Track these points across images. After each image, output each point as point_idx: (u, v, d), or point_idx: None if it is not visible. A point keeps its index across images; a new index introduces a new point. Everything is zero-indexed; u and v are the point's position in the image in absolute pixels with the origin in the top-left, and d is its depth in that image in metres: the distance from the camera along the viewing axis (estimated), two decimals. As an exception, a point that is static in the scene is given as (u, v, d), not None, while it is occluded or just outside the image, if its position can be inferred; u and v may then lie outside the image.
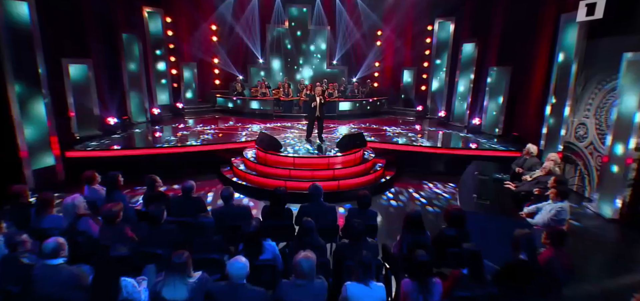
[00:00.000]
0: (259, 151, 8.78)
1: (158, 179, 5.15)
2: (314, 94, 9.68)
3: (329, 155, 8.45)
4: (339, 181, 7.87)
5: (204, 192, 7.89)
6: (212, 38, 16.79)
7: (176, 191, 7.64)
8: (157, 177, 5.16)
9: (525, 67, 10.68)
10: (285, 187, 7.53)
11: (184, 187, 4.83)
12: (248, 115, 14.64)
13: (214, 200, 7.67)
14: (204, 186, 8.32)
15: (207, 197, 7.73)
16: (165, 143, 9.76)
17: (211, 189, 8.18)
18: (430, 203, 7.73)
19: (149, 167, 8.97)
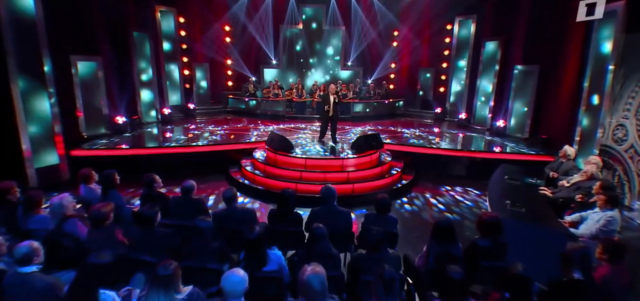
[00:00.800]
0: (269, 152, 8.33)
1: (157, 178, 4.74)
2: (327, 93, 9.20)
3: (343, 157, 7.94)
4: (354, 184, 7.34)
5: (206, 194, 7.47)
6: (225, 39, 16.54)
7: (181, 192, 7.31)
8: (157, 176, 4.75)
9: (553, 65, 9.97)
10: (296, 189, 7.17)
11: (184, 186, 4.40)
12: (260, 116, 14.26)
13: (218, 202, 7.23)
14: (209, 188, 7.92)
15: (210, 200, 7.31)
16: (174, 143, 9.42)
17: (216, 191, 7.76)
18: (450, 211, 7.12)
19: (155, 167, 8.66)
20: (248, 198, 7.38)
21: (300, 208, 6.40)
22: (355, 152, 8.15)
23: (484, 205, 7.30)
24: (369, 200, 7.17)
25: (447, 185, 8.53)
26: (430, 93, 16.06)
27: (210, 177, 8.57)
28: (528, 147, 9.80)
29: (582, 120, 8.55)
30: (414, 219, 6.53)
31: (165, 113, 12.64)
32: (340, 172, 7.60)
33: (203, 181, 8.24)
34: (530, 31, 10.92)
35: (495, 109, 12.05)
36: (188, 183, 4.42)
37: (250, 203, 7.19)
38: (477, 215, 6.69)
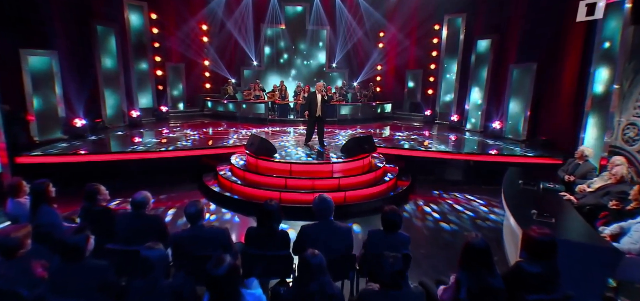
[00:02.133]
0: (249, 156, 7.37)
1: (102, 189, 3.72)
2: (314, 92, 8.34)
3: (332, 162, 7.05)
4: (346, 192, 6.45)
5: (175, 208, 6.41)
6: (202, 38, 15.49)
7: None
8: (102, 187, 3.73)
9: (553, 62, 9.43)
10: (279, 199, 6.26)
11: (134, 200, 3.39)
12: (240, 119, 13.25)
13: (192, 215, 6.22)
14: (179, 199, 6.88)
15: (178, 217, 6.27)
16: (142, 147, 8.31)
17: (190, 202, 6.72)
18: (453, 221, 6.32)
19: (116, 176, 7.57)
20: (224, 210, 6.38)
21: (285, 221, 5.49)
22: (346, 156, 7.28)
23: (500, 215, 6.56)
24: (364, 210, 6.33)
25: (444, 190, 7.75)
26: (418, 96, 15.44)
27: (180, 187, 7.53)
28: (527, 149, 9.16)
29: (587, 120, 7.97)
30: (418, 234, 5.68)
31: (134, 116, 11.46)
32: (330, 178, 6.71)
33: (172, 191, 7.22)
34: (525, 28, 10.38)
35: (490, 110, 11.46)
36: (140, 195, 3.42)
37: (229, 221, 6.19)
38: (478, 226, 5.98)
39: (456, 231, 5.79)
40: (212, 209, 6.42)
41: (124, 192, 6.86)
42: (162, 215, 6.03)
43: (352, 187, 6.68)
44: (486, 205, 6.96)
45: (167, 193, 7.08)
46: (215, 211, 6.38)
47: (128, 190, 7.28)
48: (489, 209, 6.75)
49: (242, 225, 5.83)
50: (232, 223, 5.99)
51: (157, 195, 6.90)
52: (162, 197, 6.83)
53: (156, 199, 6.75)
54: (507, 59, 10.95)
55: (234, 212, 6.28)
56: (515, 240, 4.19)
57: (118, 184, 7.66)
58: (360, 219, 6.01)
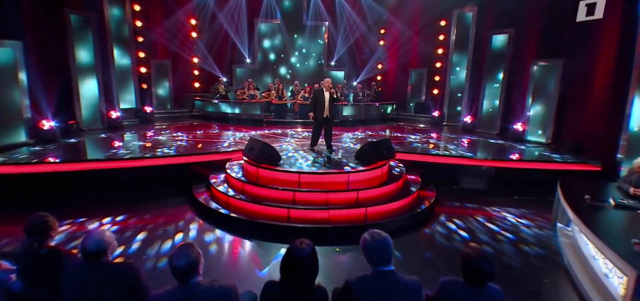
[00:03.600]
0: (248, 164, 6.26)
1: (50, 221, 2.57)
2: (321, 89, 7.27)
3: (347, 170, 5.98)
4: (367, 208, 5.39)
5: (163, 230, 5.26)
6: (190, 33, 14.29)
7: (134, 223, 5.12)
8: (51, 218, 2.58)
9: (582, 58, 8.56)
10: (287, 217, 5.16)
11: (86, 247, 2.20)
12: (233, 121, 12.12)
13: (172, 245, 5.07)
14: (166, 216, 5.73)
15: (169, 236, 5.12)
16: (124, 151, 7.10)
17: (173, 222, 5.57)
18: (501, 248, 5.31)
19: (88, 188, 6.48)
20: (219, 231, 5.24)
21: None
22: (362, 163, 6.23)
23: (549, 233, 5.57)
24: (389, 229, 5.24)
25: (472, 202, 6.76)
26: (422, 96, 14.52)
27: (167, 201, 6.38)
28: (553, 153, 8.26)
29: (629, 123, 7.09)
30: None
31: (114, 118, 10.21)
32: (347, 191, 5.63)
33: (157, 207, 6.05)
34: (546, 21, 9.53)
35: (508, 111, 10.56)
36: (94, 238, 2.20)
37: (226, 245, 5.06)
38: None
39: (513, 266, 4.73)
40: (206, 231, 5.28)
41: (99, 209, 5.74)
42: (142, 249, 4.88)
43: (373, 201, 5.62)
44: (530, 224, 5.88)
45: (152, 209, 5.91)
46: (208, 230, 5.25)
47: (106, 205, 6.06)
48: (535, 229, 5.71)
49: (246, 264, 4.71)
50: (227, 249, 4.86)
51: (140, 213, 5.74)
52: (146, 217, 5.65)
53: (139, 217, 5.59)
54: (526, 55, 10.08)
55: (233, 235, 5.14)
56: (599, 280, 3.19)
57: (93, 197, 6.59)
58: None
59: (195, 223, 5.50)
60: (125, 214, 5.66)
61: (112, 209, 5.79)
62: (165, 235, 5.04)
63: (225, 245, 4.90)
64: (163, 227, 5.29)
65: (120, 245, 4.62)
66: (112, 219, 5.46)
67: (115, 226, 5.26)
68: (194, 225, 5.44)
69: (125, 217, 5.58)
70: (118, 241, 4.64)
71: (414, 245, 5.09)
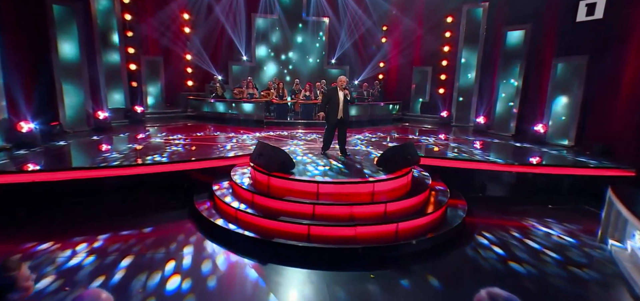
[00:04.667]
0: (256, 172, 5.54)
1: (25, 275, 1.82)
2: (335, 88, 6.58)
3: (371, 179, 5.28)
4: (398, 224, 4.71)
5: (152, 253, 4.47)
6: (183, 28, 13.45)
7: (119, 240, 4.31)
8: (22, 266, 1.83)
9: (608, 55, 8.04)
10: (307, 235, 4.41)
11: None
12: (230, 121, 11.35)
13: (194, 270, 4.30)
14: (166, 231, 4.96)
15: (170, 257, 4.35)
16: (108, 159, 6.28)
17: (173, 239, 4.80)
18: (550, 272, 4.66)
19: (80, 200, 5.66)
20: (227, 252, 4.49)
21: (315, 268, 4.05)
22: (385, 170, 5.56)
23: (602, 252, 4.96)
24: (423, 250, 4.59)
25: (504, 213, 6.14)
26: (426, 95, 13.93)
27: (165, 214, 5.60)
28: (580, 157, 7.71)
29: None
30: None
31: (101, 119, 9.34)
32: (372, 204, 4.94)
33: (155, 221, 5.28)
34: (566, 16, 8.99)
35: (524, 112, 10.00)
36: None
37: (236, 270, 4.31)
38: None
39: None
40: (211, 252, 4.50)
41: (79, 226, 4.93)
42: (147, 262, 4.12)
43: (402, 214, 4.95)
44: (576, 242, 5.23)
45: (144, 224, 5.13)
46: (214, 251, 4.50)
47: (87, 221, 5.14)
48: (583, 245, 5.07)
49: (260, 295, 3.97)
50: (238, 274, 4.11)
51: (139, 228, 4.96)
52: (145, 234, 4.87)
53: (138, 233, 4.81)
54: (545, 52, 9.54)
55: (243, 256, 4.39)
56: None
57: (79, 210, 5.75)
58: (430, 270, 4.24)
59: (195, 239, 4.74)
60: (110, 232, 4.85)
61: (95, 226, 4.98)
62: (156, 261, 4.19)
63: (235, 270, 4.15)
64: (155, 249, 4.48)
65: (99, 274, 3.86)
66: (90, 240, 4.62)
67: (97, 243, 4.47)
68: (196, 244, 4.67)
69: (110, 235, 4.78)
70: (98, 269, 3.96)
71: (457, 270, 4.35)
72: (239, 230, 4.66)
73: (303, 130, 10.44)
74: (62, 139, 7.89)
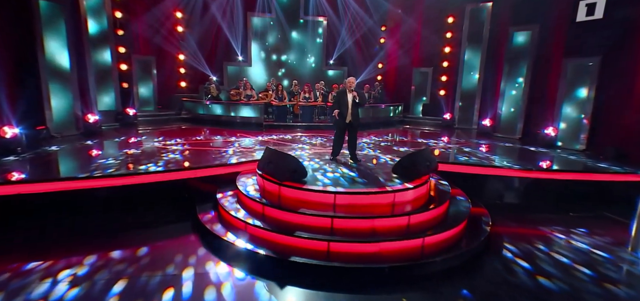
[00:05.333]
0: (265, 181, 5.12)
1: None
2: (344, 89, 6.21)
3: (392, 188, 4.90)
4: (424, 238, 4.33)
5: (148, 275, 4.01)
6: (176, 27, 12.94)
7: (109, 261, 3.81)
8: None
9: (622, 56, 7.84)
10: (327, 252, 3.82)
11: None
12: (226, 124, 10.91)
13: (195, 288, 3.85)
14: (166, 248, 4.51)
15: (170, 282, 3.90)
16: (98, 168, 5.76)
17: (175, 259, 4.35)
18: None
19: (70, 212, 5.08)
20: (239, 274, 4.05)
21: (338, 291, 3.71)
22: (404, 178, 5.19)
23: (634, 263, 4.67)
24: (452, 268, 4.21)
25: (526, 222, 5.84)
26: (426, 97, 13.66)
27: (164, 229, 5.13)
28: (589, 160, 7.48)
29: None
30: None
31: (91, 122, 8.79)
32: (394, 216, 4.56)
33: (152, 237, 4.81)
34: (574, 16, 8.78)
35: (532, 114, 9.77)
36: None
37: (250, 294, 3.88)
38: None
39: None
40: (218, 272, 4.04)
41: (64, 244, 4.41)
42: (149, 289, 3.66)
43: (425, 227, 4.58)
44: (608, 255, 4.90)
45: (147, 241, 4.66)
46: (221, 274, 4.06)
47: (74, 238, 4.63)
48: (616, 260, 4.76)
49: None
50: (256, 296, 3.68)
51: (133, 248, 4.47)
52: (141, 254, 4.39)
53: (131, 258, 4.32)
54: (553, 53, 9.33)
55: (255, 277, 3.95)
56: None
57: (65, 222, 5.18)
58: (465, 291, 3.87)
59: (200, 257, 4.28)
60: (99, 251, 4.32)
61: (83, 244, 4.48)
62: (155, 286, 3.73)
63: (247, 294, 3.71)
64: (153, 270, 3.99)
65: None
66: (75, 261, 4.12)
67: (82, 270, 3.97)
68: (201, 262, 4.21)
69: (99, 254, 4.25)
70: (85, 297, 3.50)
71: (494, 291, 3.89)
72: (252, 247, 4.22)
73: (304, 133, 10.02)
74: (49, 144, 7.33)
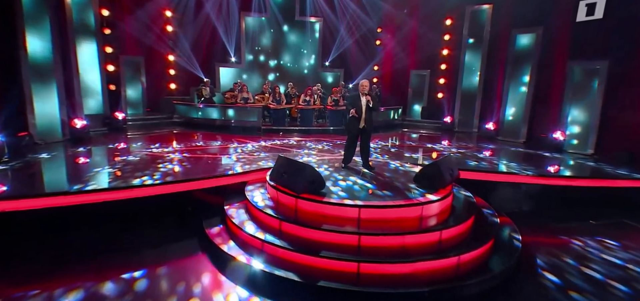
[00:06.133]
0: (279, 194, 4.71)
1: None
2: (358, 93, 5.87)
3: (419, 200, 4.55)
4: (459, 256, 3.99)
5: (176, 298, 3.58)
6: (166, 27, 12.37)
7: None
8: None
9: (629, 59, 7.76)
10: (357, 274, 3.35)
11: None
12: (221, 129, 10.42)
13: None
14: (174, 267, 4.05)
15: None
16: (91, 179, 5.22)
17: (182, 274, 3.89)
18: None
19: (60, 231, 4.53)
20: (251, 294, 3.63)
21: None
22: (429, 188, 4.86)
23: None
24: (495, 288, 3.88)
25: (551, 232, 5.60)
26: (424, 100, 13.46)
27: (168, 248, 4.64)
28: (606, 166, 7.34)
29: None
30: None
31: (78, 127, 8.18)
32: (422, 231, 4.21)
33: (154, 258, 4.31)
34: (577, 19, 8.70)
35: (535, 118, 9.65)
36: None
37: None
38: None
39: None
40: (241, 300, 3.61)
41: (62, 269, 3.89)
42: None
43: (455, 242, 4.25)
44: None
45: (151, 263, 4.18)
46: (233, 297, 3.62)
47: (61, 264, 4.06)
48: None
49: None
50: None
51: (133, 270, 3.98)
52: (143, 278, 3.91)
53: (131, 276, 3.84)
54: (558, 56, 9.22)
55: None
56: None
57: (53, 243, 4.57)
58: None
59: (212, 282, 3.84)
60: (93, 277, 3.80)
61: (73, 269, 3.96)
62: None
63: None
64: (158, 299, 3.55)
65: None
66: (61, 293, 3.55)
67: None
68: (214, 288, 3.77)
69: (93, 283, 3.72)
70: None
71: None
72: (273, 269, 3.79)
73: (305, 138, 9.61)
74: (34, 152, 6.72)
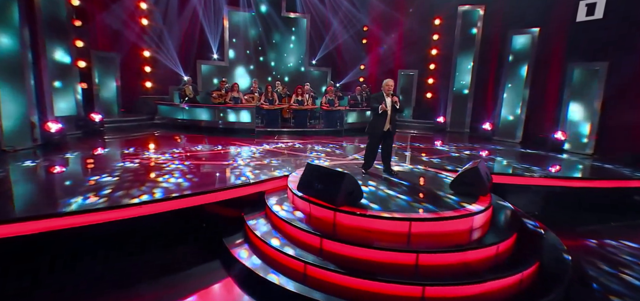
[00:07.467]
0: (312, 207, 4.21)
1: None
2: (381, 93, 5.45)
3: (469, 209, 4.19)
4: (523, 272, 3.66)
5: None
6: (141, 20, 11.39)
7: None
8: None
9: (629, 60, 7.92)
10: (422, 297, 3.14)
11: None
12: (207, 130, 9.71)
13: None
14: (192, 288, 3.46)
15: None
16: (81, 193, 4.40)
17: None
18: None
19: (41, 260, 3.68)
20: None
21: None
22: (469, 197, 4.54)
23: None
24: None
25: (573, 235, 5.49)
26: (412, 100, 13.34)
27: (187, 275, 4.00)
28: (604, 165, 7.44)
29: None
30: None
31: (52, 131, 7.17)
32: (483, 247, 3.83)
33: (175, 287, 3.68)
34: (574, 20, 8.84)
35: (532, 118, 9.71)
36: None
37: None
38: None
39: None
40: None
41: None
42: None
43: (508, 256, 3.94)
44: None
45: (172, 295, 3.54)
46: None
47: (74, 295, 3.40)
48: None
49: None
50: None
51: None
52: None
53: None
54: (555, 57, 9.33)
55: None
56: None
57: (49, 274, 3.75)
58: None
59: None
60: None
61: None
62: None
63: None
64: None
65: None
66: None
67: None
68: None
69: None
70: None
71: None
72: (323, 296, 3.30)
73: (298, 141, 9.09)
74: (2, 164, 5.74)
